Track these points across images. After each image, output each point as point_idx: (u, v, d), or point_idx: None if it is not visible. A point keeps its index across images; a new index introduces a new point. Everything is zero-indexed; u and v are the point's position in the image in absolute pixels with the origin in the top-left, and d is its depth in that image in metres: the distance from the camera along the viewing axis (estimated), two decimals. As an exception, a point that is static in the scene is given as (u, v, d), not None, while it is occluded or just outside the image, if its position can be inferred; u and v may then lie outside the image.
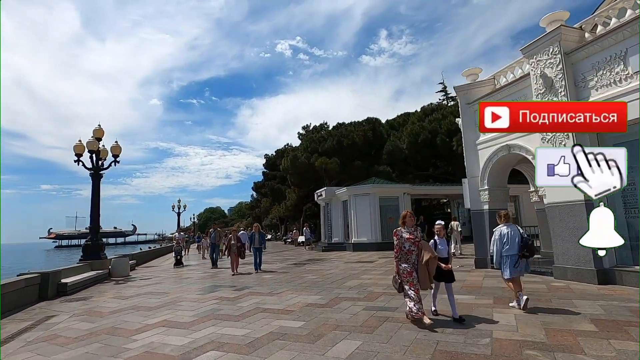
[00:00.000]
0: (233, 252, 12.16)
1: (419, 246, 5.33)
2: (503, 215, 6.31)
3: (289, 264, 15.17)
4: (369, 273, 10.95)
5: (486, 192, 10.65)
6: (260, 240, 12.79)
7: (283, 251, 24.71)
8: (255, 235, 12.85)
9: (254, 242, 12.71)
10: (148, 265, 18.00)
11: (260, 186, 49.15)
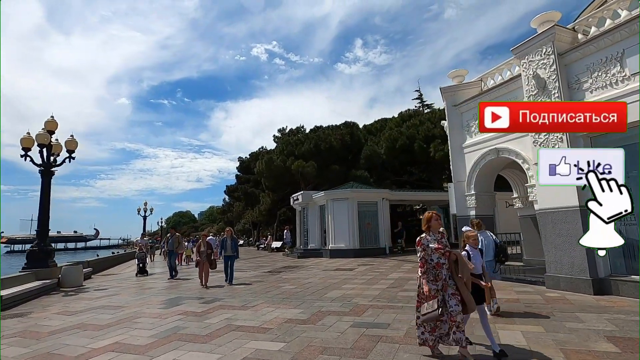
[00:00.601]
0: (202, 260, 10.51)
1: (451, 258, 4.12)
2: (475, 223, 6.55)
3: (263, 271, 14.19)
4: (350, 282, 10.22)
5: (473, 197, 10.24)
6: (233, 246, 11.05)
7: (256, 257, 23.57)
8: (227, 241, 11.08)
9: (226, 249, 10.96)
10: (107, 274, 16.42)
11: (233, 190, 47.58)
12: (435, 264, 4.08)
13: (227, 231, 11.48)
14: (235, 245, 11.20)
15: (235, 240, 11.31)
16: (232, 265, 10.91)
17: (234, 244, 11.12)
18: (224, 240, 11.24)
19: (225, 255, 10.99)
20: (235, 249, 11.15)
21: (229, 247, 10.95)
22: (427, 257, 4.11)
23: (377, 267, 13.80)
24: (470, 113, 10.49)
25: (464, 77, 11.37)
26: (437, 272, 4.07)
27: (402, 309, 6.68)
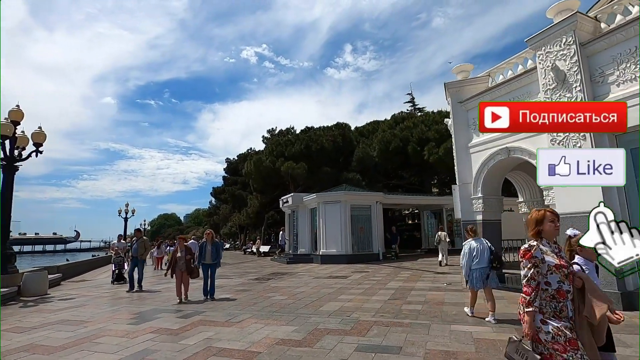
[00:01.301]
0: (179, 269, 8.62)
1: (576, 284, 2.64)
2: (470, 229, 6.61)
3: (250, 278, 13.15)
4: (346, 292, 9.30)
5: (480, 200, 9.48)
6: (214, 253, 9.01)
7: (243, 262, 22.44)
8: (207, 246, 9.00)
9: (204, 257, 8.94)
10: (80, 280, 15.10)
11: (220, 192, 46.22)
12: (556, 292, 2.51)
13: (207, 234, 9.35)
14: (217, 252, 9.14)
15: (217, 246, 9.24)
16: (213, 276, 9.08)
17: (215, 249, 9.05)
18: (203, 245, 9.09)
19: (203, 264, 8.95)
20: (217, 256, 9.10)
21: (209, 254, 8.96)
22: (540, 277, 2.54)
23: (373, 274, 12.92)
24: (477, 110, 9.74)
25: (469, 72, 10.66)
26: (559, 305, 2.50)
27: (411, 326, 5.80)
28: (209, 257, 8.99)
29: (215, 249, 9.11)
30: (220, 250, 9.36)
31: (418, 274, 12.42)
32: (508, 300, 7.53)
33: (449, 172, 25.80)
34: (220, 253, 9.37)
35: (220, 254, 9.28)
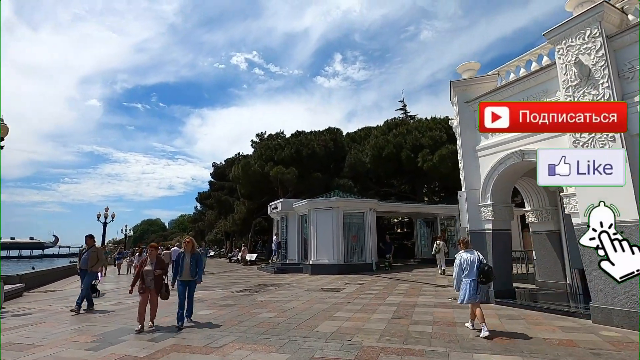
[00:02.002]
0: (147, 286, 6.67)
1: None
2: (462, 241, 6.63)
3: (234, 291, 12.04)
4: (342, 308, 8.33)
5: (489, 208, 8.69)
6: (193, 266, 6.99)
7: (228, 272, 21.21)
8: (185, 258, 7.03)
9: (181, 271, 6.95)
10: (46, 290, 13.71)
11: (206, 197, 44.74)
12: None
13: (185, 243, 7.25)
14: (198, 264, 7.12)
15: (197, 258, 7.19)
16: (192, 297, 7.09)
17: (194, 261, 7.02)
18: (180, 257, 7.06)
19: (180, 280, 6.94)
20: (198, 269, 7.10)
21: (187, 268, 6.94)
22: None
23: (368, 287, 11.98)
24: (486, 110, 9.04)
25: (476, 71, 9.98)
26: None
27: (426, 355, 4.87)
28: (187, 271, 6.94)
29: (196, 261, 7.05)
30: (201, 262, 7.45)
31: (417, 287, 11.54)
32: (527, 321, 6.68)
33: (443, 180, 25.27)
34: (202, 266, 7.74)
35: (201, 267, 7.45)
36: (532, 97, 7.99)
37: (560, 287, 9.69)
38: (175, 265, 7.04)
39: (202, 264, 7.54)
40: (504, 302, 8.16)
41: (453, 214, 21.53)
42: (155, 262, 6.86)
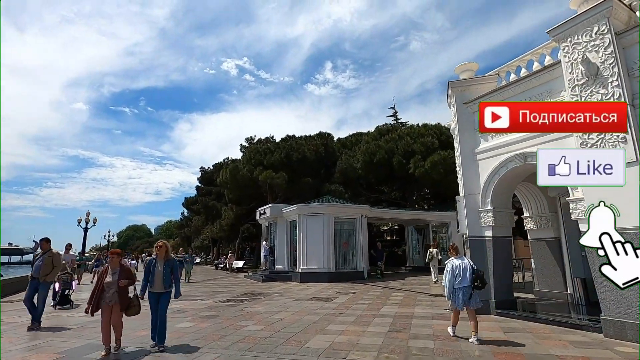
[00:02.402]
0: (107, 301, 5.49)
1: None
2: (452, 247, 6.57)
3: (219, 300, 11.33)
4: (335, 320, 7.75)
5: (489, 214, 8.27)
6: (167, 276, 5.82)
7: (214, 279, 20.37)
8: (157, 265, 5.86)
9: (152, 281, 5.80)
10: (13, 300, 12.71)
11: (193, 202, 43.64)
12: None
13: (157, 247, 6.00)
14: (174, 273, 5.93)
15: (173, 265, 5.97)
16: (164, 313, 5.79)
17: (168, 269, 5.83)
18: (151, 265, 5.88)
19: (150, 292, 5.78)
20: (173, 279, 5.89)
21: (159, 278, 5.77)
22: None
23: (361, 296, 11.42)
24: (485, 112, 8.68)
25: (474, 72, 9.65)
26: None
27: (431, 377, 4.33)
28: (159, 282, 5.76)
29: (171, 269, 5.86)
30: (177, 271, 6.14)
31: (412, 297, 11.03)
32: (534, 335, 6.21)
33: (435, 186, 25.00)
34: (179, 275, 6.20)
35: (178, 277, 6.13)
36: (534, 98, 7.65)
37: (561, 296, 9.30)
38: (146, 274, 5.89)
39: (178, 272, 6.22)
40: (506, 314, 7.70)
41: (445, 221, 21.26)
42: (118, 272, 5.65)
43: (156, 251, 6.03)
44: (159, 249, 6.01)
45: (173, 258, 6.28)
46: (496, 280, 8.07)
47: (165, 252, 6.02)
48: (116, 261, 5.81)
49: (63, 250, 13.58)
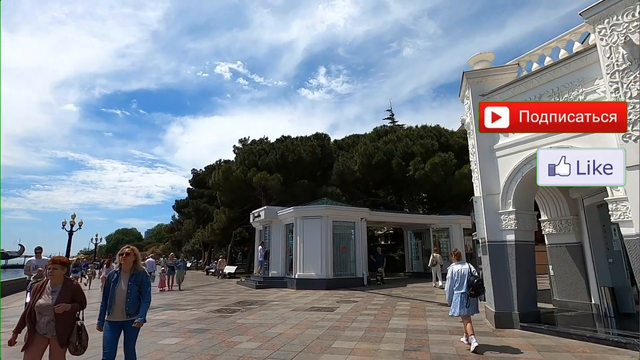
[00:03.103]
0: (40, 332, 3.68)
1: None
2: (454, 253, 6.58)
3: (209, 310, 10.34)
4: (341, 336, 6.85)
5: (512, 216, 7.49)
6: (133, 296, 4.04)
7: (204, 286, 19.30)
8: (120, 281, 4.07)
9: (111, 304, 3.98)
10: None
11: (184, 205, 42.40)
12: None
13: (123, 256, 4.16)
14: (143, 293, 4.17)
15: (141, 280, 4.18)
16: (131, 349, 4.07)
17: (135, 287, 4.09)
18: (112, 278, 4.09)
19: (109, 321, 3.98)
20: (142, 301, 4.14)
21: (123, 300, 4.00)
22: None
23: (364, 305, 10.55)
24: (505, 104, 7.93)
25: (490, 62, 8.92)
26: None
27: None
28: (120, 306, 3.96)
29: (139, 287, 4.11)
30: (148, 290, 4.22)
31: (420, 306, 10.18)
32: (574, 355, 5.38)
33: (435, 189, 24.29)
34: (149, 296, 4.20)
35: (148, 299, 4.17)
36: (564, 88, 6.91)
37: (584, 307, 8.53)
38: (104, 294, 4.06)
39: (149, 293, 4.19)
40: (533, 328, 6.89)
41: (446, 225, 20.54)
42: (59, 290, 3.81)
43: (120, 261, 4.11)
44: (124, 258, 4.09)
45: (143, 271, 4.29)
46: (519, 290, 7.27)
47: (134, 262, 4.16)
48: (58, 275, 3.85)
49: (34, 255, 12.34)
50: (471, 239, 22.12)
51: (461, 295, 5.99)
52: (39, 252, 11.13)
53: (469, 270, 6.11)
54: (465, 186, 22.62)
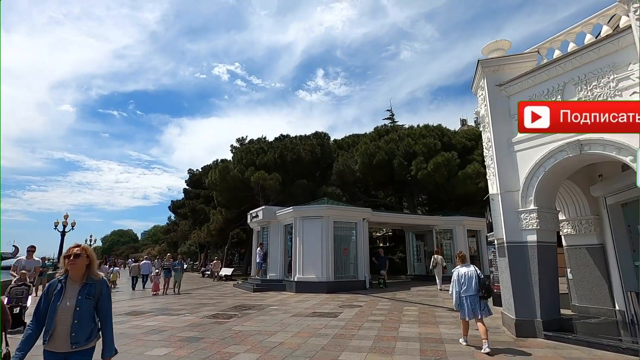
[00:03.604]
0: None
1: None
2: (459, 255, 6.46)
3: (204, 315, 9.67)
4: (348, 345, 6.22)
5: (533, 214, 6.89)
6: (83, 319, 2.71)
7: (199, 289, 18.60)
8: (65, 295, 2.73)
9: (52, 329, 2.62)
10: None
11: (180, 206, 41.60)
12: None
13: (69, 259, 2.77)
14: (98, 313, 2.85)
15: (98, 292, 2.85)
16: None
17: (87, 304, 2.76)
18: (53, 288, 2.76)
19: (48, 351, 2.64)
20: (102, 324, 2.87)
21: (69, 321, 2.66)
22: None
23: (369, 310, 9.92)
24: (525, 95, 7.35)
25: (506, 51, 8.35)
26: None
27: None
28: (64, 331, 2.65)
29: (95, 302, 2.82)
30: (108, 305, 2.91)
31: (429, 312, 9.56)
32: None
33: (437, 190, 23.71)
34: (110, 315, 2.94)
35: (109, 322, 2.90)
36: (592, 74, 6.33)
37: (607, 313, 7.94)
38: (37, 312, 2.72)
39: (109, 311, 2.93)
40: (559, 337, 6.28)
41: (450, 227, 19.98)
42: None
43: (65, 265, 2.78)
44: (71, 262, 2.76)
45: (102, 279, 2.92)
46: (542, 295, 6.67)
47: (87, 267, 2.84)
48: None
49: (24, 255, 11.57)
50: (475, 241, 21.70)
51: (470, 299, 5.89)
52: (30, 251, 10.27)
53: (475, 272, 6.02)
54: (469, 187, 22.12)
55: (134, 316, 9.69)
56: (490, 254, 11.15)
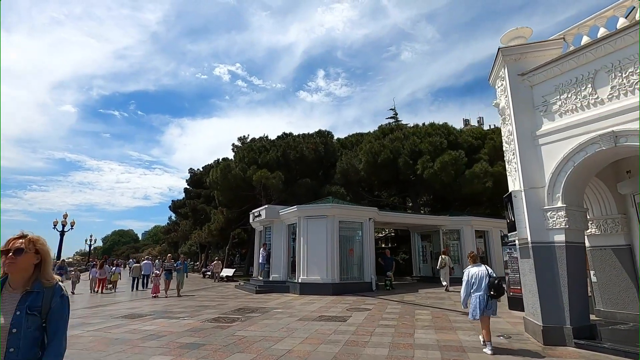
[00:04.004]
0: None
1: None
2: (470, 255, 6.48)
3: (205, 319, 9.17)
4: (361, 354, 5.72)
5: (561, 213, 6.38)
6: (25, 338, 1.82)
7: (200, 290, 18.09)
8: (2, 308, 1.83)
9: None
10: None
11: (180, 205, 41.12)
12: None
13: (6, 259, 1.91)
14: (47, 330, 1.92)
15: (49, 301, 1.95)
16: None
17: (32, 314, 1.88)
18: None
19: None
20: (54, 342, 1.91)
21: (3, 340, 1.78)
22: None
23: (379, 314, 9.41)
24: (550, 84, 6.85)
25: (527, 39, 7.84)
26: None
27: None
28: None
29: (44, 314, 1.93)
30: (61, 323, 1.96)
31: (442, 316, 9.05)
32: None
33: (443, 189, 23.18)
34: (61, 338, 1.94)
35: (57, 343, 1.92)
36: (626, 61, 5.81)
37: (635, 319, 7.42)
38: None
39: (63, 331, 1.96)
40: (592, 346, 5.77)
41: (457, 227, 19.46)
42: None
43: (3, 266, 1.95)
44: (9, 261, 1.91)
45: (55, 285, 2.02)
46: (572, 300, 6.16)
47: (36, 267, 2.01)
48: None
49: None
50: (482, 241, 21.16)
51: (479, 297, 5.84)
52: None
53: (486, 272, 5.96)
54: (476, 186, 21.60)
55: (132, 319, 9.20)
56: (505, 255, 10.65)
